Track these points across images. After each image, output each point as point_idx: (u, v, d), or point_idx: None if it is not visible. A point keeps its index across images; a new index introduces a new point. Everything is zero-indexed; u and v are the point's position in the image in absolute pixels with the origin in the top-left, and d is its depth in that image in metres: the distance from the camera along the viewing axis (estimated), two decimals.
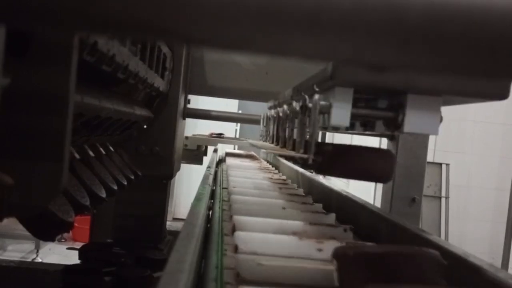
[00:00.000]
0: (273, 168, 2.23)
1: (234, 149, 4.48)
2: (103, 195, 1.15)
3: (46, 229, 0.84)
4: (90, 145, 1.29)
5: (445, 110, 0.77)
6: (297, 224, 0.89)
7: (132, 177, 1.56)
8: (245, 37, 0.27)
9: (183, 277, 0.47)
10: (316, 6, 0.24)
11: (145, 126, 1.94)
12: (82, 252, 1.83)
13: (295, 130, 1.01)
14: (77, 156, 1.13)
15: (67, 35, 0.63)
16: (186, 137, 2.86)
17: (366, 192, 5.36)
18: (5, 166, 0.59)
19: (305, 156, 0.83)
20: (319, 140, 0.84)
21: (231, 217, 0.96)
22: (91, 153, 1.25)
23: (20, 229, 4.62)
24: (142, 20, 0.28)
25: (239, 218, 0.90)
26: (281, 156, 1.03)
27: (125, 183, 1.41)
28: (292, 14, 0.25)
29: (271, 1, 0.25)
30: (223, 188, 1.44)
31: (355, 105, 0.76)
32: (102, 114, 1.14)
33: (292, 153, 0.94)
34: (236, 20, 0.26)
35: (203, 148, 3.03)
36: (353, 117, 0.76)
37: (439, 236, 3.90)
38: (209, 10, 0.26)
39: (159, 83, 1.74)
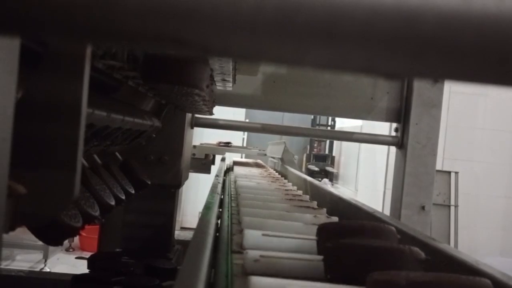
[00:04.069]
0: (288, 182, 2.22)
1: (242, 157, 4.48)
2: (112, 202, 1.16)
3: (53, 235, 0.84)
4: (99, 154, 1.29)
5: (454, 118, 0.76)
6: None
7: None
8: (260, 47, 0.27)
9: (196, 285, 0.47)
10: (331, 17, 0.25)
11: (154, 135, 1.95)
12: (91, 262, 1.84)
13: None
14: (86, 164, 1.14)
15: (80, 46, 0.64)
16: (194, 146, 2.87)
17: (375, 200, 5.34)
18: (18, 176, 0.60)
19: None
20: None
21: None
22: (100, 162, 1.26)
23: (28, 239, 4.65)
24: (157, 31, 0.29)
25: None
26: None
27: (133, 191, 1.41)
28: (307, 24, 0.25)
29: (286, 12, 0.25)
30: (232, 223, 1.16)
31: None
32: (111, 125, 1.15)
33: None
34: (251, 30, 0.26)
35: (211, 157, 3.03)
36: None
37: (449, 244, 3.87)
38: (224, 21, 0.26)
39: None
